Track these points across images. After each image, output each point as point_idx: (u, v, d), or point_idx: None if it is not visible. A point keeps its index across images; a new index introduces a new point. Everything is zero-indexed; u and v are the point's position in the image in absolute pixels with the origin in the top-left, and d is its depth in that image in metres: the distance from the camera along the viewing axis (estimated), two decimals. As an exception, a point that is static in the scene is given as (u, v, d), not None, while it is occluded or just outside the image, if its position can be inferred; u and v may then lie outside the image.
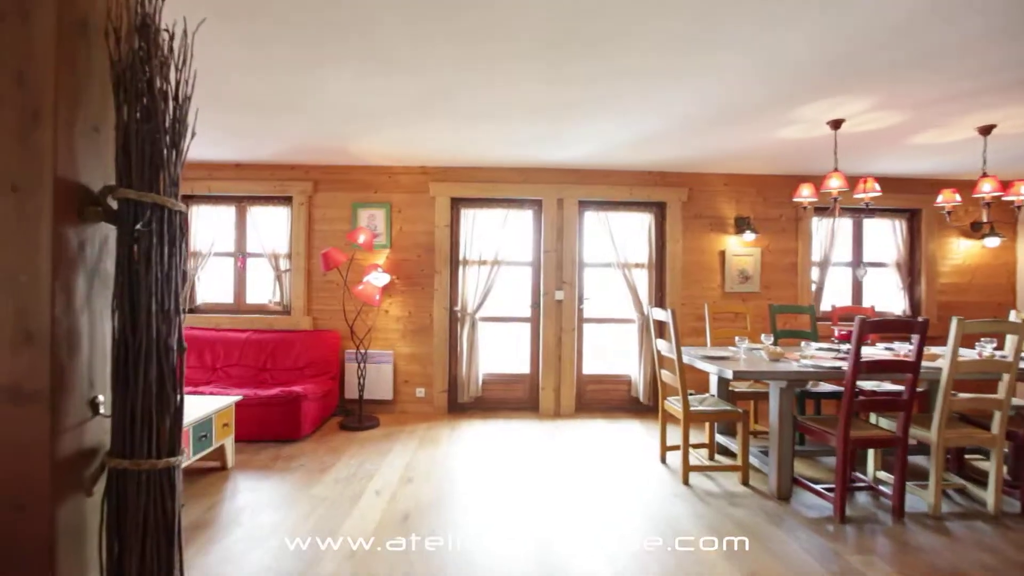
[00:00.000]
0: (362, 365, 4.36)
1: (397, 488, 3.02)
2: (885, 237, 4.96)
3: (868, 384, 3.36)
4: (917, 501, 2.79)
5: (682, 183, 4.78)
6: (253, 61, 2.48)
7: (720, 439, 3.61)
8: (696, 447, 3.58)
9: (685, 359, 3.22)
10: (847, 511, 2.64)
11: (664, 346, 3.31)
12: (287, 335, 4.43)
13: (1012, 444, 2.85)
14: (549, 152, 4.16)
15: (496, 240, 4.68)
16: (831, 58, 2.43)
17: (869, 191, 3.16)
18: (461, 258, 4.72)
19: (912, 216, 4.94)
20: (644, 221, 4.82)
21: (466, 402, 4.72)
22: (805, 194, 3.47)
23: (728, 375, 2.76)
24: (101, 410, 1.06)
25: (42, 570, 0.94)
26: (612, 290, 4.87)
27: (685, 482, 3.09)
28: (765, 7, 2.00)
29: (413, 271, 4.67)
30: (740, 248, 4.80)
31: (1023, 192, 3.33)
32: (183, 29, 1.14)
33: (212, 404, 3.12)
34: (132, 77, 1.04)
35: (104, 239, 1.08)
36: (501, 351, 4.99)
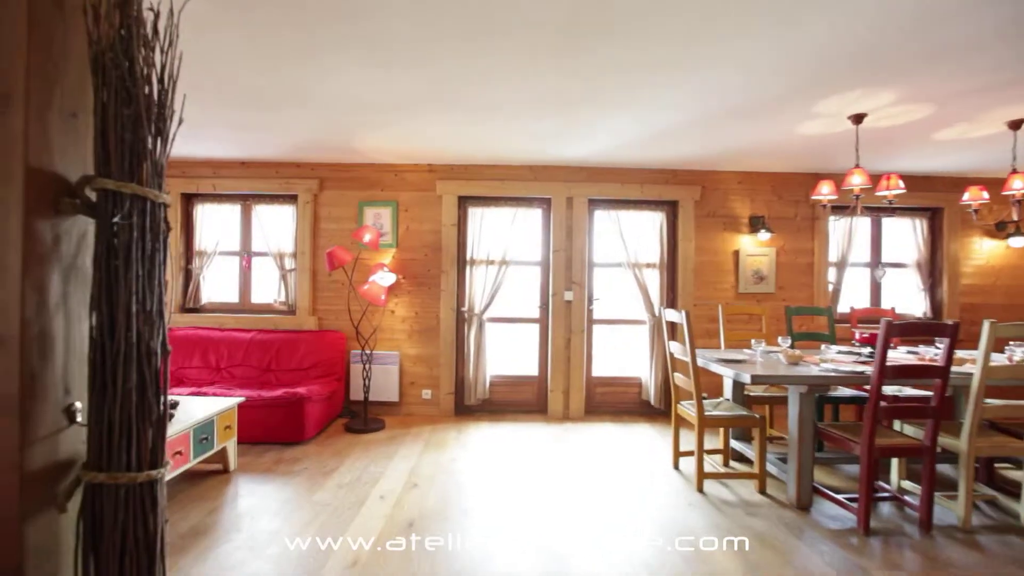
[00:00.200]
0: (367, 366, 4.29)
1: (402, 494, 2.94)
2: (905, 237, 4.81)
3: (888, 389, 3.23)
4: (945, 513, 2.66)
5: (695, 181, 4.66)
6: (253, 51, 2.41)
7: (735, 445, 3.49)
8: (710, 453, 3.47)
9: (699, 362, 3.11)
10: (871, 523, 2.52)
11: (677, 348, 3.21)
12: (292, 335, 4.37)
13: (1045, 453, 2.70)
14: (558, 149, 4.06)
15: (504, 239, 4.59)
16: (854, 49, 2.31)
17: (893, 188, 3.03)
18: (468, 258, 4.63)
19: (933, 215, 4.79)
20: (656, 220, 4.71)
21: (473, 404, 4.63)
22: (824, 192, 3.34)
23: (746, 379, 2.65)
24: (78, 418, 0.98)
25: (9, 594, 0.86)
26: (623, 291, 4.76)
27: (699, 490, 2.98)
28: (789, -8, 1.90)
29: (420, 271, 4.59)
30: (754, 248, 4.67)
31: (1055, 189, 3.18)
32: (169, 8, 1.06)
33: (214, 406, 3.06)
34: (112, 58, 0.96)
35: (82, 233, 1.00)
36: (509, 352, 4.89)
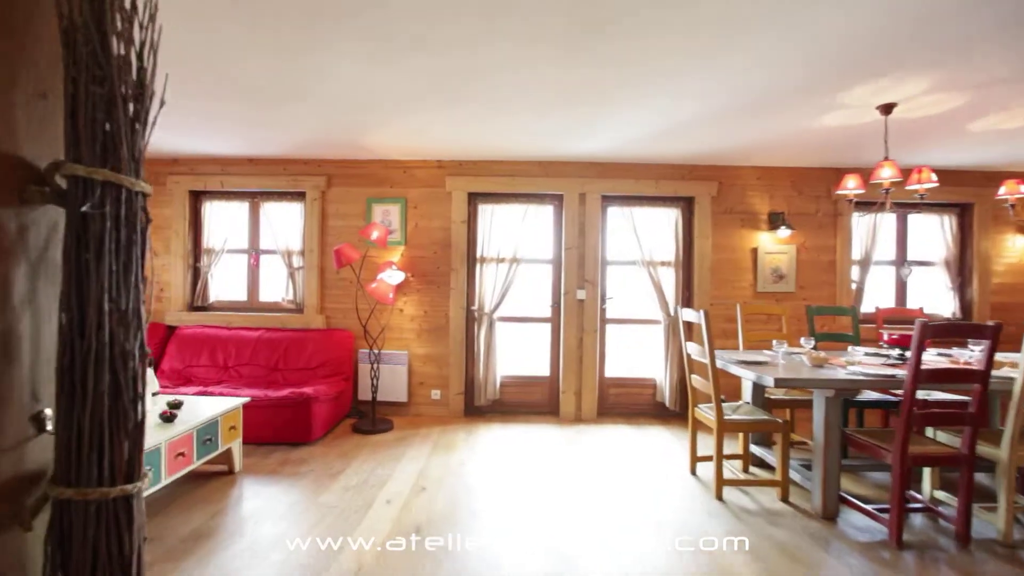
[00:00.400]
0: (375, 366, 4.22)
1: (409, 497, 2.86)
2: (932, 233, 4.61)
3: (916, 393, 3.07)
4: (983, 526, 2.51)
5: (711, 176, 4.52)
6: (255, 41, 2.33)
7: (755, 450, 3.35)
8: (729, 458, 3.34)
9: (718, 364, 2.98)
10: (904, 535, 2.38)
11: (695, 349, 3.08)
12: (300, 334, 4.31)
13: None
14: (571, 144, 3.94)
15: (515, 236, 4.48)
16: (884, 32, 2.18)
17: (925, 181, 2.87)
18: (478, 255, 4.54)
19: (963, 211, 4.59)
20: (671, 217, 4.57)
21: (483, 405, 4.53)
22: (851, 186, 3.18)
23: (768, 382, 2.52)
24: (48, 427, 0.90)
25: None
26: (636, 289, 4.63)
27: (718, 497, 2.85)
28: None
29: (429, 269, 4.51)
30: (774, 245, 4.51)
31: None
32: (148, -21, 0.97)
33: (218, 406, 3.00)
34: (83, 32, 0.87)
35: (52, 224, 0.92)
36: (520, 352, 4.79)
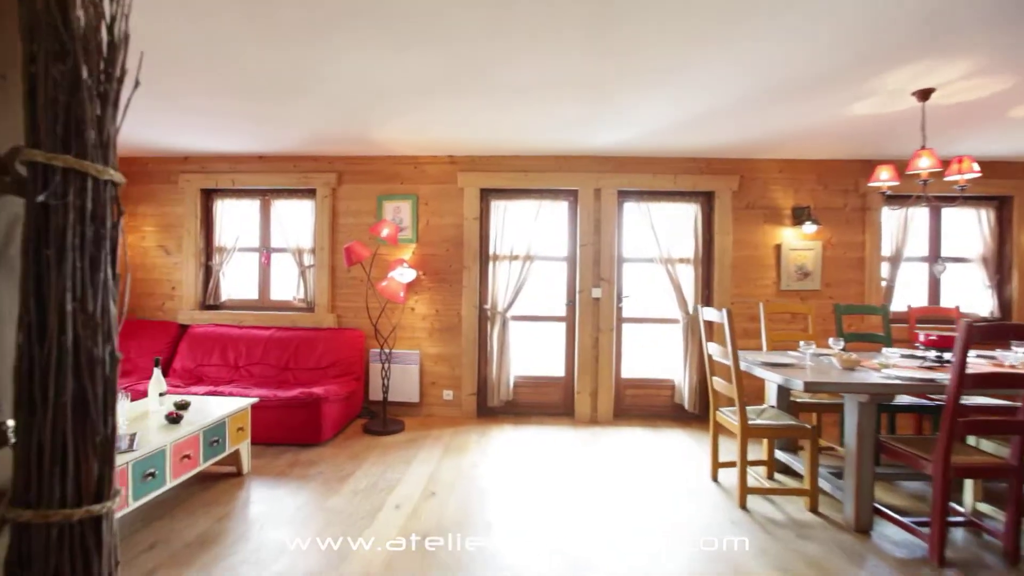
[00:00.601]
0: (386, 365, 4.15)
1: (419, 502, 2.77)
2: (968, 228, 4.38)
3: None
4: (1031, 541, 2.33)
5: (732, 170, 4.35)
6: (257, 32, 2.25)
7: (780, 456, 3.19)
8: (753, 464, 3.19)
9: (742, 365, 2.84)
10: (945, 552, 2.21)
11: (717, 350, 2.94)
12: (310, 333, 4.25)
13: None
14: (585, 137, 3.82)
15: (528, 233, 4.37)
16: (920, 13, 2.02)
17: (965, 172, 2.69)
18: (491, 253, 4.43)
19: (1001, 204, 4.35)
20: (690, 212, 4.42)
21: (496, 406, 4.44)
22: (884, 178, 3.01)
23: (797, 386, 2.37)
24: (12, 440, 0.82)
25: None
26: (654, 287, 4.49)
27: (742, 506, 2.71)
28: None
29: (440, 267, 4.42)
30: (798, 241, 4.33)
31: None
32: (119, -54, 0.88)
33: (225, 407, 2.94)
34: (42, 2, 0.79)
35: (14, 218, 0.84)
36: (534, 352, 4.68)
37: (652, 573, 2.12)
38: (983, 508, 2.54)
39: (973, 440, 2.57)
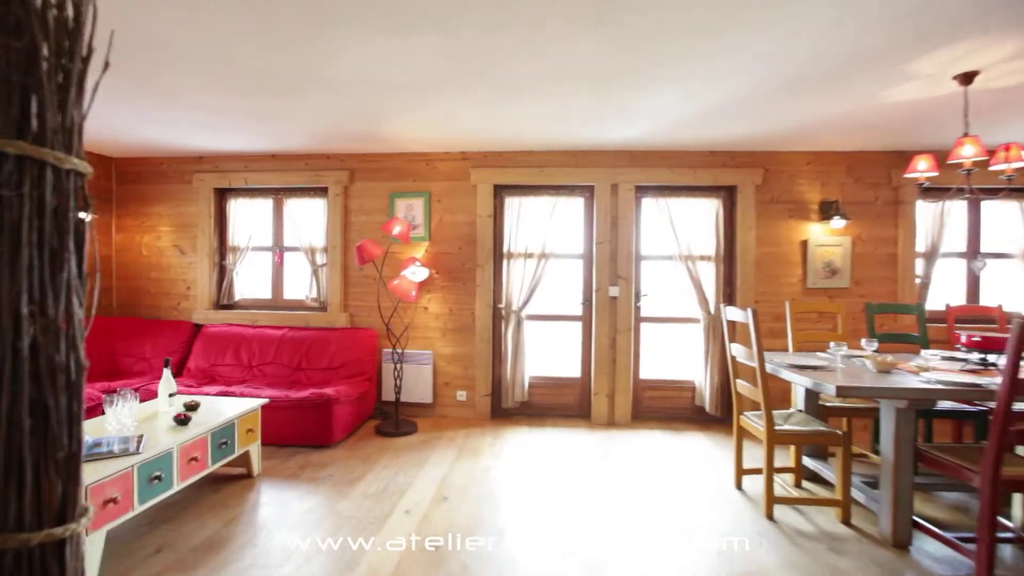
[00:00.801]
0: (399, 366, 4.08)
1: (430, 508, 2.69)
2: (1011, 221, 4.13)
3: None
4: (1090, 560, 2.15)
5: (755, 163, 4.18)
6: (261, 28, 2.19)
7: (808, 462, 3.04)
8: (779, 471, 3.04)
9: (768, 367, 2.69)
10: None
11: (741, 352, 2.80)
12: (323, 333, 4.21)
13: None
14: (601, 131, 3.69)
15: (543, 231, 4.26)
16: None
17: (1013, 160, 2.50)
18: (505, 251, 4.33)
19: (1046, 196, 4.09)
20: (711, 208, 4.26)
21: (511, 407, 4.34)
22: (921, 168, 2.82)
23: (829, 391, 2.22)
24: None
25: None
26: (673, 286, 4.34)
27: (769, 516, 2.57)
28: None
29: (454, 265, 4.34)
30: (826, 237, 4.13)
31: None
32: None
33: (234, 408, 2.90)
34: (-4, -27, 0.71)
35: (-29, 211, 0.76)
36: (549, 352, 4.57)
37: (673, 588, 2.00)
38: (1034, 523, 2.37)
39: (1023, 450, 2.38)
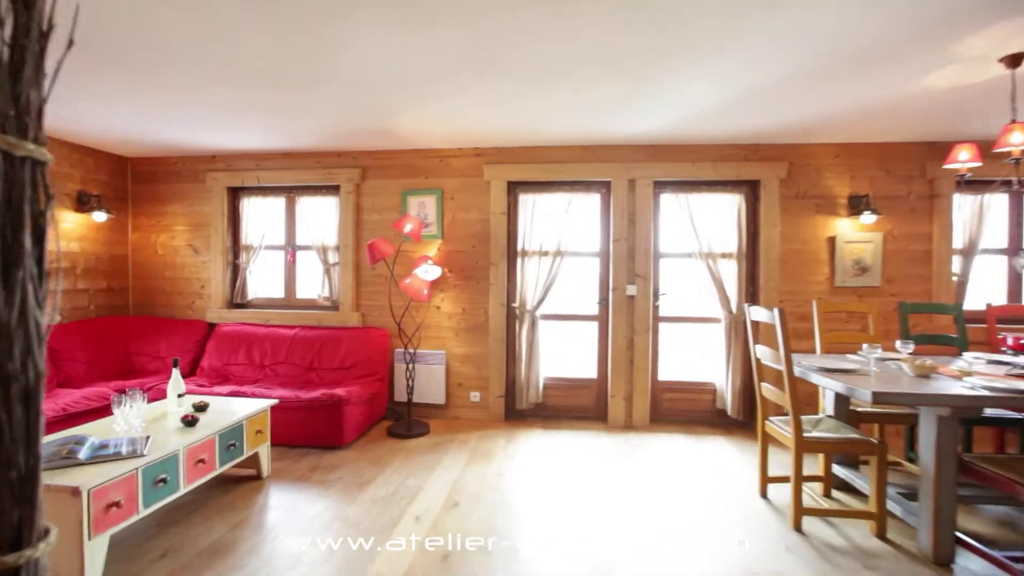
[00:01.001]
0: (411, 366, 4.01)
1: (440, 514, 2.61)
2: (1055, 216, 3.89)
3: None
4: None
5: (780, 157, 4.00)
6: (266, 18, 2.12)
7: (838, 471, 2.88)
8: (807, 480, 2.88)
9: (796, 370, 2.54)
10: (1046, 593, 1.89)
11: (766, 354, 2.65)
12: (335, 332, 4.16)
13: None
14: (618, 124, 3.56)
15: (558, 228, 4.15)
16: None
17: (1067, 148, 2.31)
18: (519, 249, 4.24)
19: (1095, 189, 3.84)
20: (732, 203, 4.10)
21: (525, 409, 4.24)
22: (963, 158, 2.64)
23: (864, 397, 2.08)
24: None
25: None
26: (693, 284, 4.19)
27: (797, 528, 2.42)
28: None
29: (467, 263, 4.25)
30: (855, 233, 3.95)
31: None
32: None
33: (244, 409, 2.86)
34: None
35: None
36: (564, 353, 4.46)
37: (696, 606, 1.88)
38: (1090, 541, 2.19)
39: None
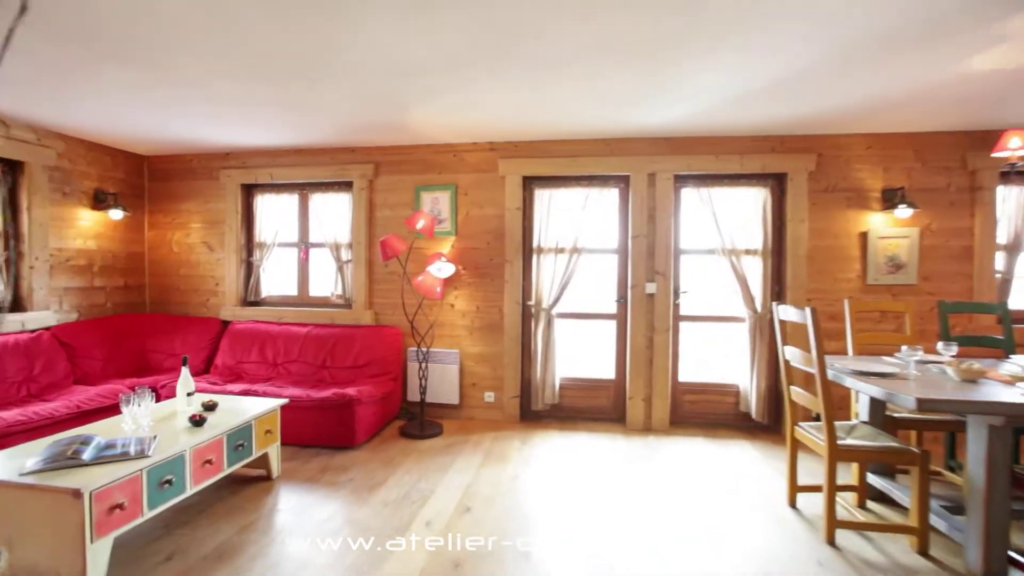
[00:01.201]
0: (424, 365, 3.93)
1: (452, 519, 2.52)
2: (1109, 210, 3.64)
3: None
4: None
5: (808, 148, 3.82)
6: (270, 8, 2.05)
7: (873, 480, 2.71)
8: (841, 489, 2.71)
9: (829, 374, 2.39)
10: (1114, 621, 1.72)
11: (796, 355, 2.50)
12: (347, 330, 4.11)
13: None
14: (638, 116, 3.43)
15: (575, 224, 4.02)
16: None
17: None
18: (535, 245, 4.12)
19: None
20: (757, 198, 3.92)
21: (540, 410, 4.13)
22: (1013, 145, 2.45)
23: (908, 403, 1.92)
24: None
25: None
26: (716, 282, 4.03)
27: (830, 542, 2.27)
28: None
29: (481, 260, 4.16)
30: (889, 228, 3.74)
31: None
32: None
33: (253, 409, 2.81)
34: None
35: None
36: (581, 352, 4.34)
37: (722, 626, 1.75)
38: None
39: None
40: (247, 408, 2.82)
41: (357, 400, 3.38)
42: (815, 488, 2.63)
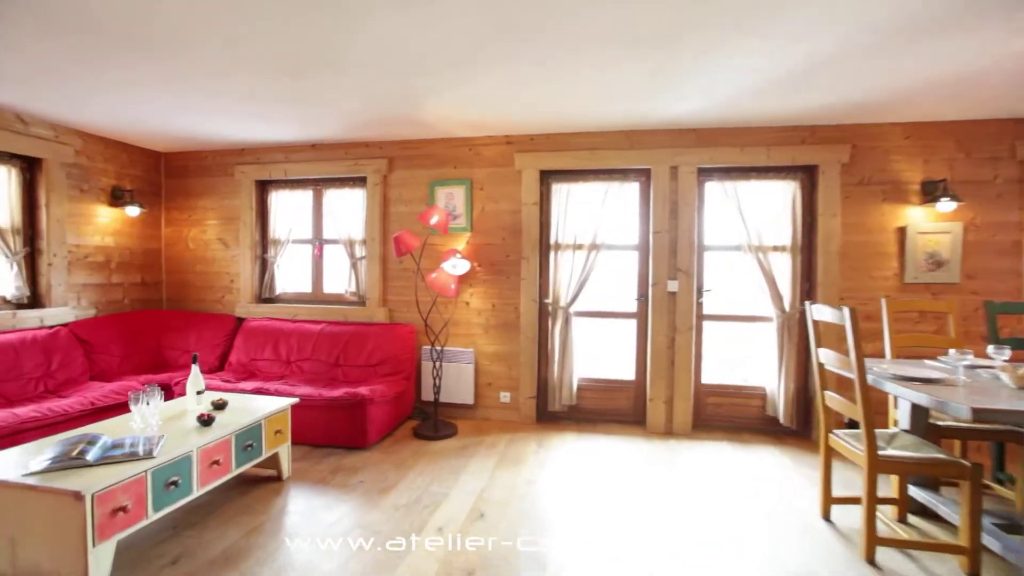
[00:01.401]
0: (438, 364, 3.84)
1: (464, 525, 2.42)
2: None
3: None
4: None
5: (841, 139, 3.61)
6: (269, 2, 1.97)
7: (915, 493, 2.52)
8: (880, 503, 2.54)
9: (868, 378, 2.22)
10: None
11: (831, 358, 2.33)
12: (361, 328, 4.04)
13: None
14: (660, 106, 3.27)
15: (594, 220, 3.89)
16: None
17: None
18: (552, 242, 4.00)
19: None
20: (786, 191, 3.74)
21: (557, 411, 4.02)
22: (1075, 131, 2.24)
23: (962, 413, 1.75)
24: None
25: None
26: (742, 280, 3.86)
27: (869, 560, 2.11)
28: None
29: (497, 257, 4.05)
30: (929, 223, 3.52)
31: None
32: None
33: (262, 408, 2.75)
34: None
35: None
36: (600, 352, 4.21)
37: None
38: None
39: None
40: (257, 407, 2.76)
41: (369, 399, 3.31)
42: (850, 500, 2.47)
